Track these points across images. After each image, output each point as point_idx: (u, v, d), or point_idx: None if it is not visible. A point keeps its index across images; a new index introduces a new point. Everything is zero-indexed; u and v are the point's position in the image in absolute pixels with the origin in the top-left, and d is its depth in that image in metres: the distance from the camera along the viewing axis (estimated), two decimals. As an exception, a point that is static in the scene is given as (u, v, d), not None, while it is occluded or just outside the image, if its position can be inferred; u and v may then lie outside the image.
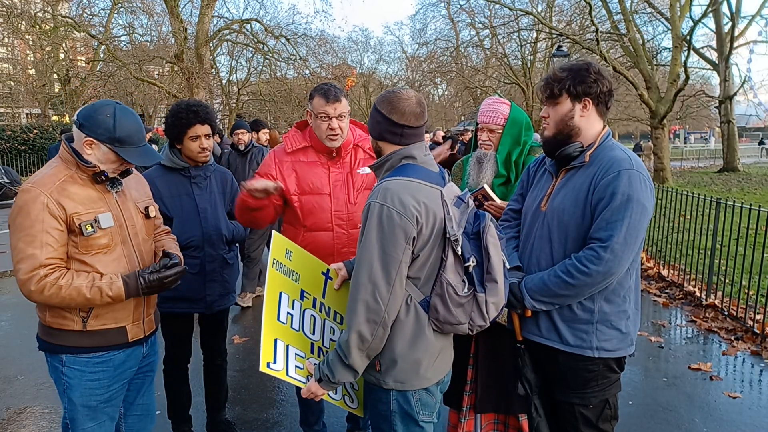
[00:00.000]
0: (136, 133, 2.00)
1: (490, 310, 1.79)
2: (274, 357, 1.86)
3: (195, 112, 2.75)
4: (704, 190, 14.15)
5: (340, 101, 2.51)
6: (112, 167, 2.03)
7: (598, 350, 1.99)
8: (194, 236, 2.79)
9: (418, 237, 1.73)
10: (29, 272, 1.86)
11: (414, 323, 1.80)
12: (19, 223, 1.89)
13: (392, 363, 1.81)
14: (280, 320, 1.93)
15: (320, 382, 1.81)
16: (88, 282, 1.90)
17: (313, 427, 2.98)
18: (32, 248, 1.86)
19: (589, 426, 2.07)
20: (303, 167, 2.62)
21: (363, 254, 1.73)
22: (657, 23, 23.11)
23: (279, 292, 1.95)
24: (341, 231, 2.57)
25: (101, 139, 1.96)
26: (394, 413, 1.85)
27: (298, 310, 2.00)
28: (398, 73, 39.25)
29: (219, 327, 3.12)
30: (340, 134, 2.54)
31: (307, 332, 2.00)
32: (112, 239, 2.01)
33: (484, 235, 1.78)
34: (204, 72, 20.77)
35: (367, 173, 2.65)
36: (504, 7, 21.51)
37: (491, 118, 2.72)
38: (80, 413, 2.06)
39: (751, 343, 4.63)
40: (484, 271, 1.77)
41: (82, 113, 1.99)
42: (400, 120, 1.82)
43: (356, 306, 1.73)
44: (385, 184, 1.77)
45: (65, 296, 1.88)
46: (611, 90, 2.02)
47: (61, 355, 2.03)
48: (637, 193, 1.87)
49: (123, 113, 1.99)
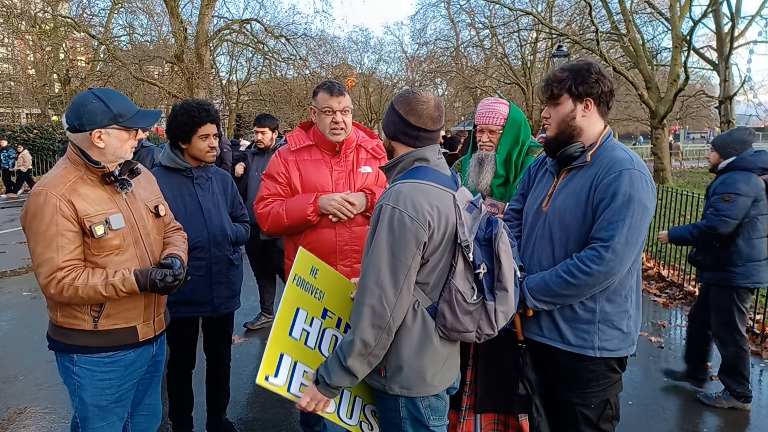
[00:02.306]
0: (127, 103, 2.03)
1: (499, 318, 1.75)
2: (276, 371, 1.82)
3: (206, 110, 2.75)
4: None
5: (344, 95, 2.57)
6: (129, 146, 2.03)
7: (600, 350, 2.00)
8: (200, 237, 2.77)
9: (429, 242, 1.70)
10: (48, 276, 1.88)
11: (421, 329, 1.76)
12: (35, 227, 1.90)
13: (398, 369, 1.78)
14: (293, 335, 1.89)
15: (317, 384, 1.77)
16: (103, 280, 1.92)
17: (314, 428, 2.98)
18: (49, 252, 1.88)
19: (590, 426, 2.07)
20: (307, 165, 2.64)
21: (371, 258, 1.69)
22: (657, 23, 23.08)
23: (296, 307, 1.92)
24: (344, 228, 2.58)
25: (105, 123, 1.95)
26: (404, 420, 1.82)
27: (317, 328, 1.97)
28: (398, 73, 39.21)
29: (224, 331, 3.09)
30: (344, 128, 2.57)
31: (325, 351, 1.97)
32: (123, 240, 2.01)
33: (496, 241, 1.73)
34: (204, 72, 20.77)
35: (368, 172, 2.66)
36: (504, 7, 21.51)
37: (491, 118, 2.71)
38: (91, 413, 2.06)
39: (751, 343, 4.63)
40: (495, 279, 1.73)
41: (70, 116, 1.97)
42: (417, 122, 1.78)
43: (362, 310, 1.69)
44: (398, 186, 1.73)
45: (84, 296, 1.90)
46: (612, 90, 2.02)
47: (71, 354, 2.03)
48: (639, 193, 1.87)
49: (104, 93, 2.01)
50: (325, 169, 2.63)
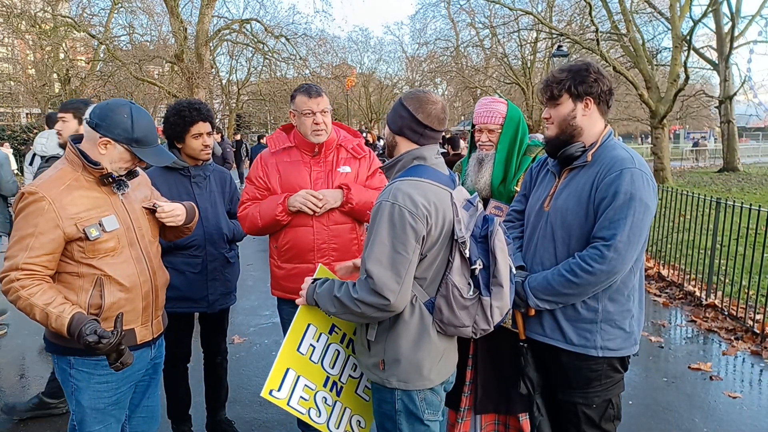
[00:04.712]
0: (151, 134, 2.01)
1: (495, 314, 1.78)
2: (280, 386, 1.89)
3: (197, 109, 2.78)
4: (704, 190, 14.15)
5: (322, 96, 2.61)
6: (125, 166, 2.02)
7: (602, 349, 1.99)
8: (196, 236, 2.79)
9: (427, 237, 1.73)
10: (5, 271, 1.87)
11: (418, 324, 1.80)
12: (17, 223, 1.91)
13: (395, 362, 1.81)
14: (300, 351, 1.96)
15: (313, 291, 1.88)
16: (44, 303, 1.84)
17: (312, 428, 2.98)
18: (17, 249, 1.86)
19: (591, 426, 2.07)
20: (286, 166, 2.68)
21: (372, 252, 1.72)
22: (657, 23, 23.14)
23: (308, 323, 1.98)
24: (321, 227, 2.61)
25: (118, 139, 1.94)
26: (399, 412, 1.85)
27: (323, 343, 2.03)
28: (398, 73, 39.29)
29: (220, 325, 3.13)
30: (324, 129, 2.61)
31: (327, 366, 2.03)
32: (119, 242, 1.99)
33: (491, 238, 1.77)
34: (204, 72, 20.79)
35: (347, 172, 2.69)
36: (504, 7, 21.52)
37: (489, 118, 2.71)
38: (88, 416, 2.05)
39: (751, 343, 4.63)
40: (491, 275, 1.76)
41: (97, 113, 1.96)
42: (425, 120, 1.83)
43: (367, 286, 1.72)
44: (396, 184, 1.77)
45: (21, 307, 1.86)
46: (611, 89, 2.02)
47: (69, 357, 2.02)
48: (640, 191, 1.87)
49: (139, 114, 1.98)
50: (303, 169, 2.66)
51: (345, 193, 2.60)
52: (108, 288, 1.96)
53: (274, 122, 36.64)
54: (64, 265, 1.95)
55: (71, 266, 1.95)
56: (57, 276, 1.95)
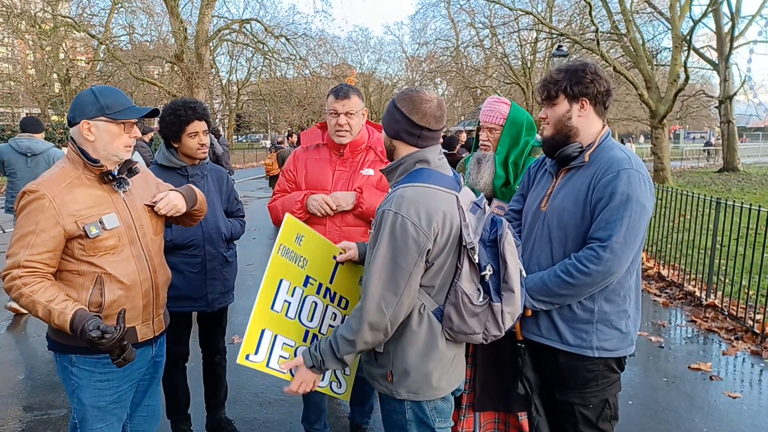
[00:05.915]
0: (120, 97, 2.02)
1: (506, 319, 1.73)
2: (257, 348, 1.85)
3: (192, 108, 2.79)
4: (704, 190, 14.15)
5: (349, 98, 2.60)
6: (121, 144, 2.00)
7: (598, 350, 1.99)
8: (194, 235, 2.80)
9: (433, 246, 1.67)
10: (7, 269, 1.88)
11: (427, 333, 1.75)
12: (18, 221, 1.92)
13: (404, 374, 1.77)
14: (274, 309, 1.91)
15: (312, 368, 1.80)
16: (47, 300, 1.85)
17: (314, 426, 2.98)
18: (19, 247, 1.87)
19: (589, 426, 2.07)
20: (313, 163, 2.75)
21: (373, 263, 1.68)
22: (657, 23, 23.16)
23: (280, 279, 1.93)
24: (334, 227, 2.63)
25: (92, 115, 1.96)
26: (409, 422, 1.81)
27: (299, 297, 1.98)
28: (398, 73, 39.31)
29: (218, 324, 3.14)
30: (348, 131, 2.62)
31: (304, 320, 1.99)
32: (119, 240, 2.00)
33: (501, 242, 1.70)
34: (204, 72, 20.80)
35: (370, 174, 2.69)
36: (504, 7, 21.51)
37: (490, 117, 2.71)
38: (90, 414, 2.05)
39: (751, 343, 4.63)
40: (501, 280, 1.70)
41: (70, 111, 2.02)
42: (421, 121, 1.74)
43: (362, 315, 1.68)
44: (400, 191, 1.70)
45: (25, 304, 1.87)
46: (609, 90, 2.01)
47: (70, 355, 2.02)
48: (637, 192, 1.87)
49: (100, 88, 2.02)
50: (328, 168, 2.71)
51: (357, 197, 2.61)
52: (108, 286, 1.97)
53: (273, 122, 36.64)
54: (65, 263, 1.95)
55: (72, 264, 1.95)
56: (58, 274, 1.96)
